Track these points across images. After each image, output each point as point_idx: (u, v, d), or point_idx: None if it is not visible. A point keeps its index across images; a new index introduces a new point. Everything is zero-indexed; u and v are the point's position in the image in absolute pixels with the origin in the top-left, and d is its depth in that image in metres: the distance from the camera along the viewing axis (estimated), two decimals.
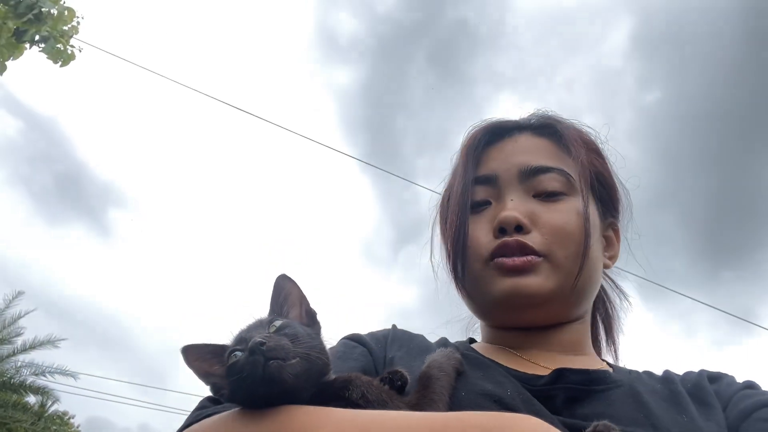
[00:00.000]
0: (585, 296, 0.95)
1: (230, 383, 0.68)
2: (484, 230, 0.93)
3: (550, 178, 0.94)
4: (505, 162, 0.97)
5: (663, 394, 0.85)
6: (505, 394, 0.78)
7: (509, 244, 0.89)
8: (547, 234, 0.90)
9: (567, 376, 0.82)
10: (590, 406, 0.79)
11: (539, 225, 0.91)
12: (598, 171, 0.99)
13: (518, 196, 0.93)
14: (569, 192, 0.94)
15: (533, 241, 0.89)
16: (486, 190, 0.97)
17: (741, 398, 0.84)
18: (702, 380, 0.89)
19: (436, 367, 0.77)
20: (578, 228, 0.91)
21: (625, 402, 0.81)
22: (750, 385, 0.88)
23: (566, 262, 0.89)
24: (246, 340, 0.68)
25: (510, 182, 0.95)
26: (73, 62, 6.00)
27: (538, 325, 0.94)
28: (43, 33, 5.79)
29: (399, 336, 0.99)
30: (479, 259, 0.93)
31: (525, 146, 0.99)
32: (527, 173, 0.94)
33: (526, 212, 0.91)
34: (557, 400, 0.80)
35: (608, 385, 0.84)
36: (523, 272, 0.88)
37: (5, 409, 12.76)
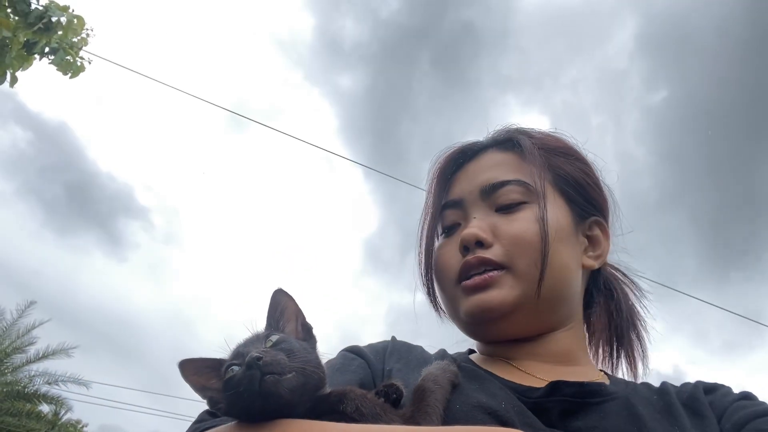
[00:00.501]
0: (558, 302, 0.94)
1: (226, 397, 0.69)
2: (453, 252, 0.96)
3: (509, 190, 0.95)
4: (469, 184, 1.00)
5: (658, 407, 0.85)
6: (500, 406, 0.77)
7: (470, 263, 0.92)
8: (507, 245, 0.91)
9: (562, 388, 0.82)
10: (584, 420, 0.80)
11: (500, 237, 0.92)
12: (565, 172, 1.00)
13: (481, 213, 0.96)
14: (531, 200, 0.94)
15: (494, 254, 0.91)
16: (455, 213, 1.00)
17: (736, 409, 0.83)
18: (697, 391, 0.89)
19: (431, 380, 0.77)
20: (534, 235, 0.91)
21: (620, 415, 0.81)
22: (746, 396, 0.87)
23: (528, 270, 0.90)
24: (243, 354, 0.68)
25: (474, 202, 0.98)
26: (82, 74, 6.05)
27: (518, 337, 0.94)
28: (53, 44, 5.85)
29: (398, 348, 0.99)
30: (450, 282, 0.96)
31: (487, 164, 1.01)
32: (488, 190, 0.96)
33: (488, 227, 0.93)
34: (552, 412, 0.80)
35: (603, 397, 0.84)
36: (485, 288, 0.90)
37: (19, 419, 12.87)
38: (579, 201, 1.00)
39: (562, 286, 0.94)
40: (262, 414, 0.66)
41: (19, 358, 13.58)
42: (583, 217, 1.00)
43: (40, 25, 5.50)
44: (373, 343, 1.02)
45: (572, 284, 0.96)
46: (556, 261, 0.91)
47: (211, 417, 0.78)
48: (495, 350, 0.98)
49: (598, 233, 1.02)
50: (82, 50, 6.13)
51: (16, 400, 13.15)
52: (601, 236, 1.02)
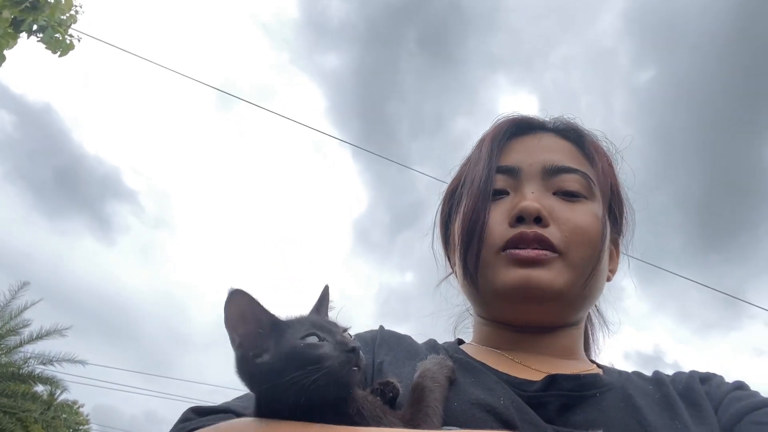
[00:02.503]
0: (590, 301, 0.96)
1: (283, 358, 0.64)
2: (498, 219, 0.92)
3: (573, 179, 0.94)
4: (529, 156, 0.97)
5: (655, 398, 0.84)
6: (498, 402, 0.76)
7: (527, 235, 0.88)
8: (566, 231, 0.89)
9: (559, 382, 0.81)
10: (583, 413, 0.79)
11: (559, 221, 0.90)
12: (613, 185, 1.00)
13: (538, 190, 0.93)
14: (589, 196, 0.94)
15: (551, 236, 0.88)
16: (505, 179, 0.96)
17: (732, 400, 0.84)
18: (693, 382, 0.89)
19: (429, 377, 0.75)
20: (596, 232, 0.91)
21: (618, 407, 0.80)
22: (740, 385, 0.88)
23: (581, 263, 0.89)
24: (330, 332, 0.66)
25: (532, 176, 0.95)
26: (71, 52, 5.93)
27: (536, 325, 0.93)
28: (40, 22, 5.72)
29: (386, 338, 0.96)
30: (491, 248, 0.91)
31: (549, 145, 0.98)
32: (551, 171, 0.94)
33: (546, 206, 0.91)
34: (550, 407, 0.79)
35: (599, 388, 0.83)
36: (536, 264, 0.87)
37: (15, 399, 12.89)
38: (614, 215, 1.01)
39: (599, 288, 0.96)
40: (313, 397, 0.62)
41: (13, 340, 13.56)
42: (613, 231, 1.01)
43: (27, 4, 5.36)
44: (361, 333, 0.99)
45: (602, 288, 0.98)
46: (602, 263, 0.93)
47: (198, 416, 0.76)
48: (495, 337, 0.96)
49: (613, 250, 1.03)
50: (70, 28, 5.98)
51: (11, 382, 13.17)
52: (614, 253, 1.04)
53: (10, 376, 13.26)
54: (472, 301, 1.01)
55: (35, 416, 13.24)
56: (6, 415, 12.61)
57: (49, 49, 5.83)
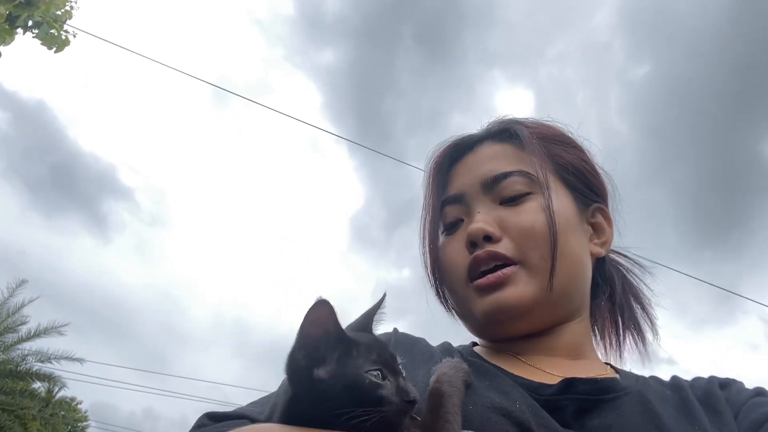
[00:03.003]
0: (572, 293, 0.92)
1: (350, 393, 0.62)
2: (458, 249, 0.93)
3: (512, 182, 0.93)
4: (469, 177, 0.97)
5: (673, 402, 0.83)
6: (514, 406, 0.75)
7: (480, 257, 0.89)
8: (516, 238, 0.89)
9: (576, 386, 0.80)
10: (600, 418, 0.78)
11: (508, 231, 0.89)
12: (565, 161, 0.98)
13: (485, 207, 0.93)
14: (535, 191, 0.92)
15: (504, 248, 0.88)
16: (456, 209, 0.97)
17: (752, 407, 0.83)
18: (713, 387, 0.88)
19: (446, 382, 0.74)
20: (546, 225, 0.89)
21: (635, 412, 0.79)
22: (760, 392, 0.87)
23: (541, 263, 0.88)
24: (394, 371, 0.66)
25: (475, 196, 0.95)
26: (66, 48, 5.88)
27: (533, 332, 0.92)
28: (35, 18, 5.67)
29: (401, 341, 0.96)
30: (459, 282, 0.93)
31: (485, 156, 0.98)
32: (489, 183, 0.94)
33: (494, 220, 0.90)
34: (566, 411, 0.78)
35: (617, 393, 0.82)
36: (499, 287, 0.87)
37: (12, 397, 12.88)
38: (581, 188, 0.98)
39: (576, 277, 0.92)
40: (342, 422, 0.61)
41: (10, 337, 13.54)
42: (586, 204, 0.98)
43: (21, 0, 5.31)
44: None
45: (584, 274, 0.95)
46: (567, 251, 0.90)
47: (212, 422, 0.76)
48: (502, 345, 0.95)
49: (601, 220, 1.00)
50: (65, 24, 5.94)
51: (8, 379, 13.15)
52: (604, 222, 1.01)
53: (8, 373, 13.24)
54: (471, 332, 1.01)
55: (33, 413, 13.23)
56: (4, 413, 12.60)
57: (45, 45, 5.77)
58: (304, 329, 0.65)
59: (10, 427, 12.51)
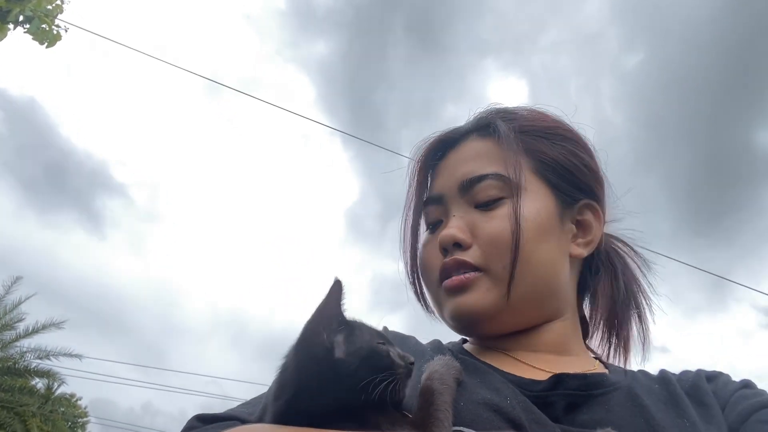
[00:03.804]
0: (542, 298, 0.90)
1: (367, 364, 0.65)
2: (435, 251, 0.92)
3: (487, 185, 0.90)
4: (449, 178, 0.95)
5: (661, 396, 0.84)
6: (505, 402, 0.75)
7: (447, 265, 0.89)
8: (483, 245, 0.88)
9: (566, 381, 0.80)
10: (590, 413, 0.78)
11: (477, 237, 0.88)
12: (548, 157, 0.93)
13: (461, 210, 0.92)
14: (509, 194, 0.89)
15: (471, 256, 0.87)
16: (437, 209, 0.96)
17: (739, 399, 0.83)
18: (700, 380, 0.88)
19: (437, 379, 0.74)
20: (508, 233, 0.86)
21: (624, 406, 0.79)
22: (746, 384, 0.87)
23: (503, 272, 0.86)
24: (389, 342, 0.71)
25: (453, 198, 0.93)
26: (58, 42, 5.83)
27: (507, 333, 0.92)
28: (27, 13, 5.62)
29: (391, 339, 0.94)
30: (433, 283, 0.93)
31: (466, 155, 0.95)
32: (465, 186, 0.91)
33: (467, 225, 0.89)
34: (557, 406, 0.78)
35: (606, 388, 0.82)
36: (461, 290, 0.88)
37: (12, 394, 12.89)
38: (565, 187, 0.93)
39: (545, 283, 0.89)
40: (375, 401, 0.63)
41: (9, 334, 13.52)
42: (571, 202, 0.94)
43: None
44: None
45: (558, 277, 0.91)
46: (533, 259, 0.86)
47: (202, 424, 0.76)
48: (489, 342, 0.95)
49: (589, 217, 0.95)
50: (56, 19, 5.89)
51: (8, 376, 13.15)
52: (592, 219, 0.95)
53: (7, 370, 13.24)
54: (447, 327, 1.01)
55: (33, 410, 13.25)
56: (3, 410, 12.61)
57: (36, 40, 5.74)
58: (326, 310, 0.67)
59: (10, 425, 12.51)
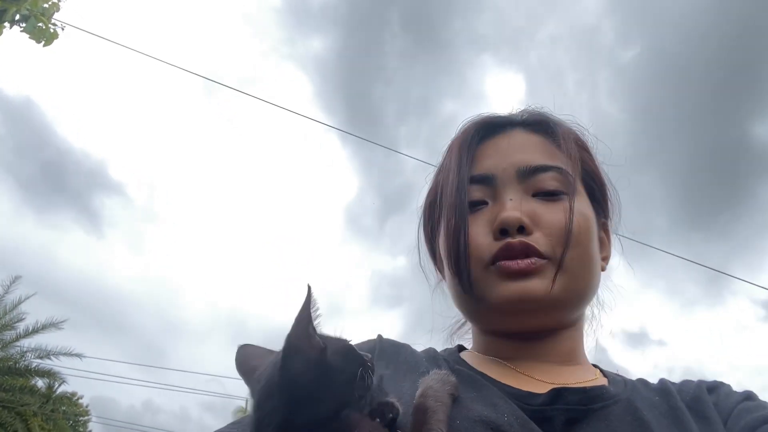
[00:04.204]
0: (586, 300, 0.92)
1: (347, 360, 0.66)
2: (481, 232, 0.88)
3: (550, 176, 0.89)
4: (502, 160, 0.92)
5: (662, 410, 0.81)
6: (502, 420, 0.72)
7: (513, 246, 0.84)
8: (550, 234, 0.85)
9: (565, 396, 0.78)
10: (589, 428, 0.75)
11: (542, 225, 0.86)
12: (590, 168, 0.96)
13: (517, 195, 0.89)
14: (568, 191, 0.89)
15: (537, 243, 0.84)
16: (482, 189, 0.91)
17: (741, 412, 0.80)
18: (701, 392, 0.85)
19: (431, 396, 0.71)
20: (580, 228, 0.87)
21: (624, 421, 0.77)
22: (749, 396, 0.85)
23: (571, 264, 0.85)
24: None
25: (508, 181, 0.90)
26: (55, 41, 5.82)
27: (535, 331, 0.90)
28: (23, 12, 5.60)
29: (385, 349, 0.93)
30: (480, 264, 0.88)
31: (520, 143, 0.94)
32: (526, 172, 0.89)
33: (527, 212, 0.86)
34: (555, 422, 0.76)
35: (606, 402, 0.80)
36: (528, 275, 0.84)
37: (13, 393, 12.89)
38: (599, 200, 0.96)
39: (595, 283, 0.91)
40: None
41: (9, 334, 13.51)
42: (599, 216, 0.97)
43: None
44: (359, 344, 0.93)
45: (598, 283, 0.93)
46: (594, 257, 0.89)
47: None
48: (496, 346, 0.93)
49: (603, 235, 0.99)
50: (53, 17, 5.87)
51: (9, 376, 13.15)
52: (605, 238, 0.99)
53: (7, 370, 13.25)
54: (466, 315, 0.98)
55: (34, 410, 13.26)
56: (5, 410, 12.61)
57: (33, 38, 5.71)
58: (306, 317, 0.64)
59: (11, 424, 12.52)
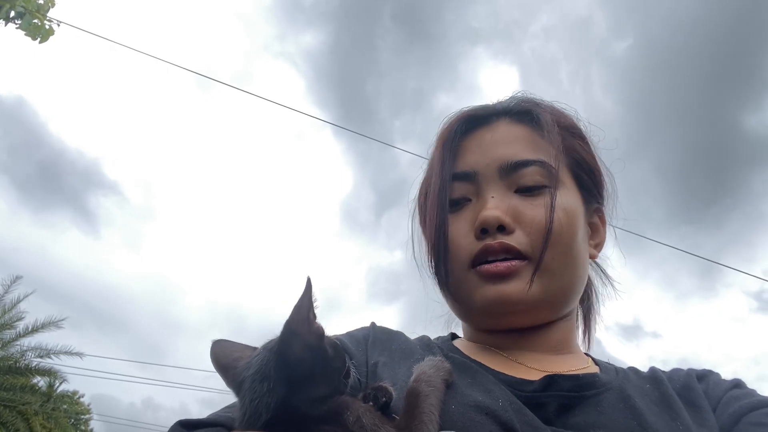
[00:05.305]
0: (574, 294, 0.91)
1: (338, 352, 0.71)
2: (464, 231, 0.88)
3: (532, 171, 0.88)
4: (484, 156, 0.91)
5: (653, 397, 0.82)
6: (497, 405, 0.73)
7: (492, 248, 0.84)
8: (531, 233, 0.84)
9: (558, 382, 0.79)
10: (582, 415, 0.77)
11: (523, 223, 0.85)
12: (579, 156, 0.94)
13: (499, 192, 0.88)
14: (552, 184, 0.88)
15: (517, 242, 0.84)
16: (465, 186, 0.91)
17: (730, 400, 0.82)
18: (691, 380, 0.86)
19: (424, 381, 0.72)
20: (563, 224, 0.85)
21: (617, 408, 0.78)
22: (737, 384, 0.86)
23: (552, 263, 0.84)
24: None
25: (490, 178, 0.89)
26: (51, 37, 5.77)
27: (527, 327, 0.90)
28: (18, 8, 5.56)
29: (379, 336, 0.93)
30: (461, 264, 0.88)
31: (503, 136, 0.92)
32: (508, 168, 0.88)
33: (509, 210, 0.86)
34: (548, 408, 0.77)
35: (598, 389, 0.81)
36: (507, 277, 0.83)
37: (13, 393, 12.89)
38: (589, 187, 0.94)
39: (580, 279, 0.90)
40: None
41: (8, 333, 13.51)
42: (590, 204, 0.95)
43: None
44: (352, 331, 0.95)
45: (585, 276, 0.92)
46: (576, 253, 0.87)
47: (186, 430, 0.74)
48: (488, 338, 0.92)
49: (597, 220, 0.97)
50: (48, 14, 5.82)
51: (9, 375, 13.15)
52: (599, 224, 0.97)
53: (8, 369, 13.24)
54: (455, 313, 0.97)
55: (35, 408, 13.25)
56: (6, 409, 12.61)
57: (29, 35, 5.67)
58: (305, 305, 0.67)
59: (12, 423, 12.53)
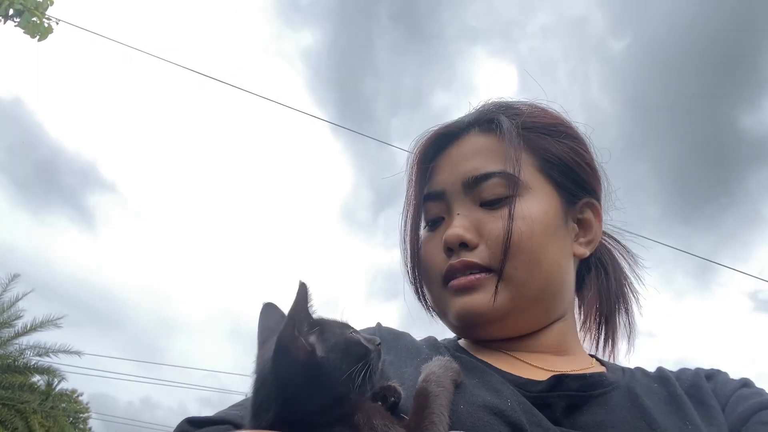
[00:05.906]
0: (551, 299, 0.89)
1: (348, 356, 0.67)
2: (437, 250, 0.90)
3: (493, 184, 0.88)
4: (451, 174, 0.92)
5: (662, 396, 0.82)
6: (506, 405, 0.73)
7: (454, 267, 0.86)
8: (492, 246, 0.85)
9: (565, 382, 0.79)
10: (590, 414, 0.77)
11: (484, 236, 0.86)
12: (553, 155, 0.92)
13: (465, 208, 0.89)
14: (517, 193, 0.87)
15: (479, 257, 0.85)
16: (437, 206, 0.93)
17: (739, 399, 0.82)
18: (699, 380, 0.86)
19: (433, 381, 0.71)
20: (524, 233, 0.85)
21: (624, 407, 0.78)
22: (746, 383, 0.86)
23: (515, 273, 0.84)
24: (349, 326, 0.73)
25: (456, 195, 0.91)
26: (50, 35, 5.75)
27: (510, 337, 0.89)
28: (16, 6, 5.54)
29: (385, 336, 0.93)
30: (436, 283, 0.91)
31: (469, 151, 0.92)
32: (470, 183, 0.89)
33: (473, 225, 0.87)
34: (556, 408, 0.77)
35: (606, 388, 0.81)
36: (470, 290, 0.85)
37: (12, 391, 12.88)
38: (568, 185, 0.92)
39: (552, 284, 0.88)
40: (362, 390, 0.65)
41: (7, 332, 13.49)
42: (574, 201, 0.93)
43: None
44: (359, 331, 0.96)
45: (564, 278, 0.90)
46: (544, 259, 0.86)
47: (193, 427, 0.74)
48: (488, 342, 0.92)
49: (590, 216, 0.95)
50: (46, 12, 5.81)
51: (8, 374, 13.13)
52: (592, 218, 0.95)
53: (7, 368, 13.23)
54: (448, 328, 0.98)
55: (34, 407, 13.25)
56: (5, 408, 12.60)
57: (28, 33, 5.65)
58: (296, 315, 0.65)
59: (11, 422, 12.52)
